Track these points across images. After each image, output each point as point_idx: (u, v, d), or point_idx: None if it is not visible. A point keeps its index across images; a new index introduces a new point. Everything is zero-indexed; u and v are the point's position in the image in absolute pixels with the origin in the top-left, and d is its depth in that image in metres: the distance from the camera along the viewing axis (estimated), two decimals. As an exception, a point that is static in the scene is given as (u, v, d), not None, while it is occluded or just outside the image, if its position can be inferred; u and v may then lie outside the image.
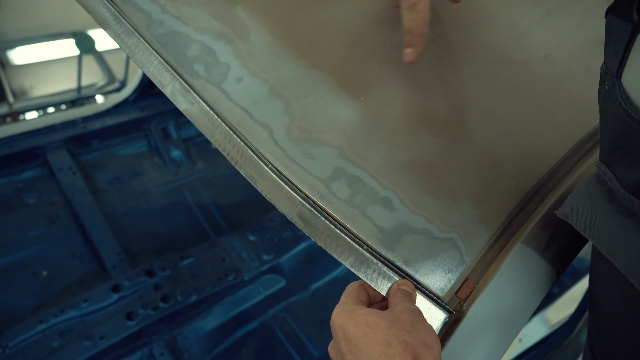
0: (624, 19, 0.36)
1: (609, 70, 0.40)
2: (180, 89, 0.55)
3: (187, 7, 0.62)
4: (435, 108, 0.59)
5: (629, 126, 0.37)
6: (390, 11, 0.68)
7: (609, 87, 0.40)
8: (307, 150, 0.53)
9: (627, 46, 0.36)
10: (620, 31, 0.37)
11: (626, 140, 0.38)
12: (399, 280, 0.49)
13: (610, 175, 0.42)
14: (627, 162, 0.39)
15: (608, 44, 0.40)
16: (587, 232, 0.45)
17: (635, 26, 0.35)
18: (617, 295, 0.43)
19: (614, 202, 0.42)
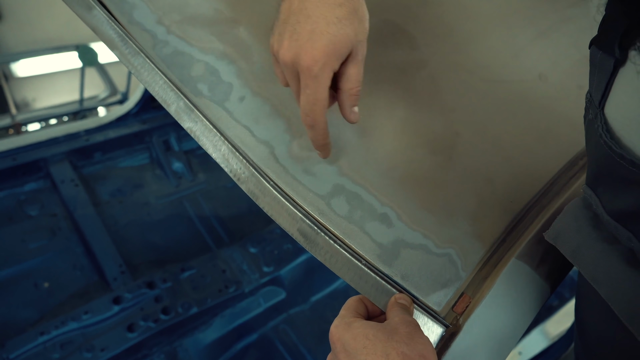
0: (607, 52, 0.37)
1: (593, 99, 0.40)
2: (184, 108, 0.57)
3: (191, 28, 0.64)
4: (431, 126, 0.61)
5: (611, 158, 0.38)
6: (388, 32, 0.70)
7: (592, 116, 0.41)
8: (308, 168, 0.55)
9: (610, 79, 0.37)
10: (603, 64, 0.37)
11: (609, 170, 0.39)
12: (397, 294, 0.50)
13: (595, 199, 0.43)
14: (612, 190, 0.40)
15: (592, 74, 0.40)
16: (572, 257, 0.46)
17: (617, 61, 0.35)
18: (603, 313, 0.44)
19: (598, 228, 0.43)
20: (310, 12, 0.47)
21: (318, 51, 0.46)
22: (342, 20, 0.47)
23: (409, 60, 0.67)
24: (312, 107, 0.48)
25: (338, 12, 0.47)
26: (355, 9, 0.49)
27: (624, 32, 0.34)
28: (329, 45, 0.47)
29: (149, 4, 0.65)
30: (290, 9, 0.49)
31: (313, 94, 0.48)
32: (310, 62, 0.47)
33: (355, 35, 0.49)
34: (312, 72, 0.47)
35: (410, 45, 0.69)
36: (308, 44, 0.47)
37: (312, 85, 0.48)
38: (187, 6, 0.66)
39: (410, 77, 0.65)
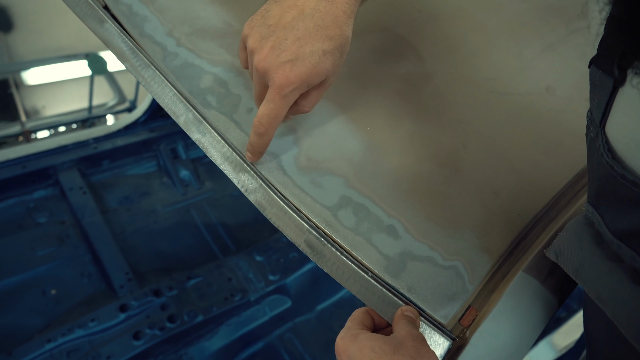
0: (606, 72, 0.36)
1: (594, 118, 0.40)
2: (193, 120, 0.58)
3: (200, 40, 0.65)
4: (438, 139, 0.61)
5: (613, 177, 0.37)
6: (395, 45, 0.70)
7: (594, 135, 0.40)
8: (315, 179, 0.55)
9: (610, 99, 0.36)
10: (602, 83, 0.37)
11: (611, 189, 0.38)
12: (403, 306, 0.50)
13: (598, 218, 0.42)
14: (614, 209, 0.40)
15: (592, 93, 0.40)
16: (576, 276, 0.45)
17: (617, 81, 0.35)
18: (610, 331, 0.44)
19: (601, 246, 0.42)
20: (300, 35, 0.48)
21: (294, 75, 0.48)
22: (326, 54, 0.49)
23: (416, 73, 0.67)
24: (270, 120, 0.50)
25: (326, 45, 0.49)
26: (342, 45, 0.50)
27: (622, 52, 0.33)
28: (306, 73, 0.48)
29: (160, 17, 0.66)
30: (282, 17, 0.50)
31: (275, 109, 0.50)
32: (284, 82, 0.48)
33: (332, 68, 0.50)
34: (282, 92, 0.49)
35: (417, 58, 0.69)
36: (287, 66, 0.48)
37: (278, 102, 0.49)
38: (198, 19, 0.67)
39: (418, 90, 0.65)
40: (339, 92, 0.63)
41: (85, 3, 0.64)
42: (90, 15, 0.63)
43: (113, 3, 0.66)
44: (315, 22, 0.49)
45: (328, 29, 0.49)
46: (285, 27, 0.49)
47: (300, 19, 0.49)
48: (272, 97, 0.49)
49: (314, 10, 0.49)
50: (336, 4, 0.50)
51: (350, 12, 0.51)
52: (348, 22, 0.50)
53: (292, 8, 0.50)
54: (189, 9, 0.68)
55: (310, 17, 0.49)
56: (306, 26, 0.48)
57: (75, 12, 0.63)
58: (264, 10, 0.51)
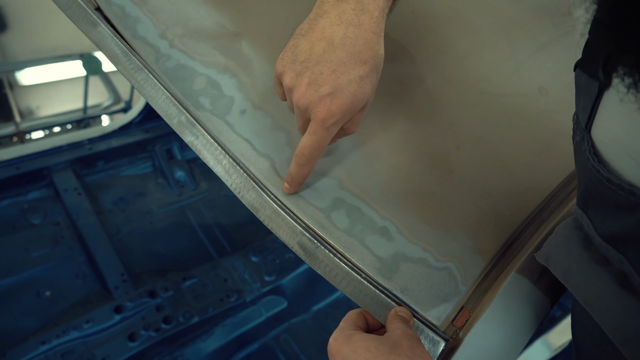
0: (591, 76, 0.36)
1: (580, 121, 0.40)
2: (185, 122, 0.58)
3: (193, 41, 0.65)
4: (431, 140, 0.61)
5: (599, 181, 0.37)
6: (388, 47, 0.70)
7: (580, 138, 0.40)
8: (308, 181, 0.55)
9: (595, 102, 0.36)
10: (588, 87, 0.37)
11: (598, 192, 0.38)
12: (397, 307, 0.50)
13: (587, 221, 0.42)
14: (602, 212, 0.40)
15: (578, 96, 0.40)
16: (564, 279, 0.45)
17: (602, 84, 0.35)
18: (597, 335, 0.44)
19: (590, 249, 0.42)
20: (335, 66, 0.48)
21: (336, 108, 0.48)
22: (363, 79, 0.48)
23: (409, 74, 0.67)
24: (312, 151, 0.50)
25: (361, 70, 0.48)
26: (377, 65, 0.50)
27: (606, 56, 0.33)
28: (347, 103, 0.48)
29: (153, 18, 0.66)
30: (312, 51, 0.48)
31: (318, 140, 0.49)
32: (326, 116, 0.48)
33: (371, 90, 0.50)
34: (325, 124, 0.48)
35: (410, 60, 0.69)
36: (327, 99, 0.47)
37: (320, 134, 0.49)
38: (190, 20, 0.67)
39: (410, 91, 0.66)
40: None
41: (77, 5, 0.63)
42: (82, 17, 0.63)
43: (105, 5, 0.66)
44: (347, 50, 0.48)
45: (361, 53, 0.48)
46: (318, 62, 0.48)
47: (331, 51, 0.48)
48: (314, 130, 0.49)
49: (343, 38, 0.48)
50: (364, 27, 0.49)
51: (380, 31, 0.50)
52: (379, 41, 0.50)
53: (320, 40, 0.48)
54: (182, 10, 0.68)
55: (341, 46, 0.48)
56: (339, 56, 0.48)
57: (68, 14, 0.63)
58: (293, 46, 0.50)
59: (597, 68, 0.34)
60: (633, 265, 0.37)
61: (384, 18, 0.51)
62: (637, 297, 0.38)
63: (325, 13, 0.50)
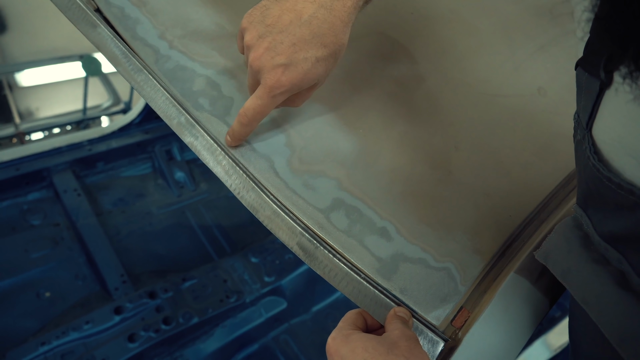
0: (592, 75, 0.36)
1: (581, 120, 0.40)
2: (185, 123, 0.58)
3: (193, 42, 0.65)
4: (431, 140, 0.61)
5: (599, 180, 0.37)
6: (388, 47, 0.70)
7: (580, 137, 0.40)
8: (307, 182, 0.55)
9: (596, 101, 0.36)
10: (589, 86, 0.37)
11: (598, 192, 0.39)
12: (396, 307, 0.50)
13: (586, 220, 0.42)
14: (601, 211, 0.40)
15: (579, 95, 0.40)
16: (563, 278, 0.46)
17: (603, 83, 0.35)
18: (595, 335, 0.44)
19: (589, 249, 0.42)
20: (295, 40, 0.49)
21: (286, 79, 0.49)
22: (319, 61, 0.50)
23: (409, 75, 0.68)
24: (254, 114, 0.52)
25: (320, 52, 0.50)
26: (336, 51, 0.51)
27: (608, 55, 0.33)
28: (297, 78, 0.50)
29: (152, 19, 0.66)
30: (280, 19, 0.50)
31: (262, 105, 0.51)
32: (274, 84, 0.50)
33: (324, 73, 0.52)
34: (272, 92, 0.50)
35: (410, 61, 0.69)
36: (280, 69, 0.49)
37: (266, 100, 0.51)
38: (190, 21, 0.67)
39: (410, 92, 0.66)
40: (332, 95, 0.63)
41: (77, 7, 0.64)
42: (82, 19, 0.63)
43: (105, 6, 0.66)
44: (312, 29, 0.49)
45: (324, 36, 0.50)
46: (281, 30, 0.50)
47: (297, 24, 0.49)
48: (261, 94, 0.51)
49: (311, 17, 0.50)
50: (335, 12, 0.50)
51: (349, 20, 0.51)
52: (345, 30, 0.51)
53: (290, 11, 0.50)
54: (181, 11, 0.68)
55: (307, 23, 0.49)
56: (302, 32, 0.49)
57: (68, 16, 0.63)
58: (264, 7, 0.52)
59: (599, 67, 0.34)
60: (632, 264, 0.37)
61: (355, 10, 0.52)
62: (635, 297, 0.38)
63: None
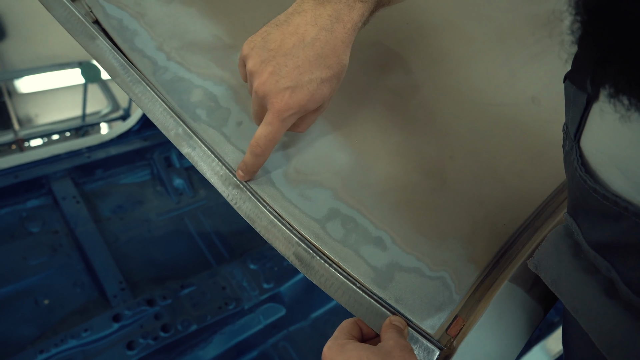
0: (580, 88, 0.37)
1: (569, 131, 0.41)
2: (183, 134, 0.58)
3: (190, 54, 0.66)
4: (426, 150, 0.62)
5: (586, 190, 0.38)
6: (383, 57, 0.71)
7: (569, 148, 0.41)
8: (303, 192, 0.56)
9: (584, 114, 0.37)
10: (577, 99, 0.38)
11: (585, 201, 0.39)
12: (392, 316, 0.51)
13: (576, 228, 0.43)
14: (589, 220, 0.40)
15: (567, 107, 0.41)
16: (554, 287, 0.46)
17: (590, 97, 0.36)
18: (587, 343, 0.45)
19: (579, 257, 0.43)
20: (300, 63, 0.50)
21: (293, 102, 0.50)
22: (324, 82, 0.51)
23: (404, 84, 0.68)
24: (267, 142, 0.52)
25: (324, 73, 0.50)
26: (339, 73, 0.52)
27: (594, 70, 0.34)
28: (304, 100, 0.50)
29: (150, 31, 0.67)
30: (283, 43, 0.51)
31: (273, 132, 0.51)
32: (282, 108, 0.50)
33: (329, 94, 0.52)
34: (280, 116, 0.50)
35: (405, 70, 0.70)
36: (287, 92, 0.49)
37: (276, 125, 0.51)
38: (187, 33, 0.68)
39: (405, 102, 0.66)
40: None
41: (76, 19, 0.64)
42: (81, 31, 0.64)
43: (104, 17, 0.67)
44: (315, 51, 0.50)
45: (327, 58, 0.50)
46: (285, 54, 0.50)
47: (300, 47, 0.50)
48: (270, 120, 0.51)
49: (314, 39, 0.50)
50: (336, 34, 0.51)
51: (349, 41, 0.52)
52: (346, 50, 0.52)
53: (293, 35, 0.51)
54: (179, 23, 0.69)
55: (310, 46, 0.50)
56: (306, 55, 0.50)
57: (67, 28, 0.64)
58: (265, 32, 0.52)
59: (586, 80, 0.35)
60: (619, 273, 0.38)
61: (355, 31, 0.53)
62: (623, 305, 0.38)
63: (303, 11, 0.52)
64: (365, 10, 0.52)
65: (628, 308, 0.38)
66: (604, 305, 0.39)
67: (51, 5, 0.66)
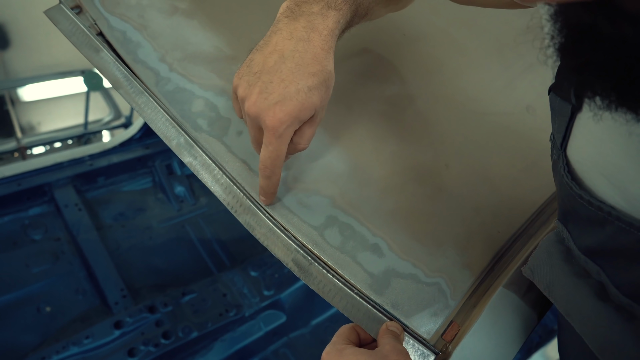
0: (564, 99, 0.39)
1: (555, 141, 0.43)
2: (184, 144, 0.60)
3: (192, 65, 0.67)
4: (422, 159, 0.63)
5: (573, 197, 0.40)
6: (379, 67, 0.73)
7: (556, 157, 0.43)
8: (302, 200, 0.57)
9: (569, 124, 0.39)
10: (561, 109, 0.40)
11: (573, 208, 0.41)
12: (388, 322, 0.52)
13: (567, 234, 0.44)
14: (579, 227, 0.42)
15: (553, 118, 0.43)
16: (547, 292, 0.48)
17: (574, 107, 0.37)
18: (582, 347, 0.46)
19: (570, 262, 0.44)
20: (284, 76, 0.50)
21: (284, 114, 0.50)
22: (312, 90, 0.51)
23: (400, 94, 0.70)
24: (272, 162, 0.52)
25: (310, 81, 0.51)
26: (325, 79, 0.52)
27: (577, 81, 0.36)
28: (295, 110, 0.50)
29: (153, 42, 0.69)
30: (265, 63, 0.52)
31: (275, 150, 0.51)
32: (276, 123, 0.50)
33: (320, 102, 0.52)
34: (276, 132, 0.50)
35: (401, 81, 0.72)
36: (277, 107, 0.50)
37: (275, 143, 0.51)
38: (189, 44, 0.70)
39: (402, 112, 0.68)
40: (325, 115, 0.65)
41: (81, 32, 0.66)
42: (86, 43, 0.66)
43: (108, 30, 0.69)
44: (296, 61, 0.51)
45: (309, 66, 0.51)
46: (269, 72, 0.51)
47: (281, 62, 0.51)
48: (269, 140, 0.51)
49: (293, 51, 0.51)
50: (313, 42, 0.52)
51: (329, 48, 0.53)
52: (328, 57, 0.53)
53: (273, 53, 0.52)
54: (181, 34, 0.71)
55: (290, 58, 0.51)
56: (288, 67, 0.51)
57: (72, 41, 0.66)
58: (249, 60, 0.53)
59: (569, 92, 0.37)
60: (609, 276, 0.39)
61: (332, 38, 0.54)
62: (614, 307, 0.39)
63: (279, 30, 0.53)
64: (340, 17, 0.53)
65: (619, 310, 0.39)
66: (596, 308, 0.41)
67: (57, 19, 0.67)
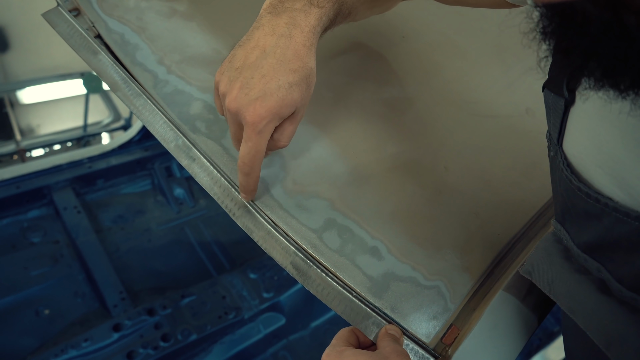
0: (557, 94, 0.39)
1: (552, 137, 0.43)
2: (182, 146, 0.60)
3: (190, 67, 0.67)
4: (421, 161, 0.63)
5: (572, 191, 0.40)
6: (378, 70, 0.73)
7: (553, 153, 0.43)
8: (301, 203, 0.57)
9: (563, 119, 0.39)
10: (555, 105, 0.40)
11: (572, 203, 0.41)
12: (387, 325, 0.52)
13: (565, 233, 0.44)
14: (577, 223, 0.42)
15: (548, 114, 0.43)
16: (548, 290, 0.47)
17: (567, 101, 0.38)
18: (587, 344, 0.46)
19: (570, 260, 0.44)
20: (265, 72, 0.50)
21: (265, 110, 0.50)
22: (292, 86, 0.51)
23: (400, 97, 0.70)
24: (251, 158, 0.52)
25: (291, 77, 0.51)
26: (307, 76, 0.52)
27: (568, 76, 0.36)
28: (276, 107, 0.50)
29: (151, 45, 0.69)
30: (246, 59, 0.52)
31: (255, 146, 0.51)
32: (256, 119, 0.50)
33: (300, 99, 0.52)
34: (256, 128, 0.50)
35: (401, 83, 0.71)
36: (257, 102, 0.49)
37: (255, 139, 0.51)
38: (187, 47, 0.69)
39: (401, 114, 0.68)
40: (324, 117, 0.65)
41: (79, 34, 0.66)
42: (84, 46, 0.65)
43: (106, 32, 0.68)
44: (277, 58, 0.51)
45: (290, 62, 0.51)
46: (250, 67, 0.51)
47: (262, 58, 0.51)
48: (248, 136, 0.51)
49: (274, 47, 0.51)
50: (295, 39, 0.52)
51: (310, 45, 0.53)
52: (309, 54, 0.53)
53: (254, 49, 0.52)
54: (179, 37, 0.70)
55: (272, 54, 0.51)
56: (269, 63, 0.51)
57: (70, 44, 0.65)
58: (231, 55, 0.53)
59: (562, 87, 0.38)
60: (610, 271, 0.39)
61: (314, 35, 0.53)
62: (617, 302, 0.39)
63: (261, 26, 0.53)
64: (322, 15, 0.53)
65: (623, 303, 0.39)
66: (599, 303, 0.40)
67: (55, 22, 0.67)
